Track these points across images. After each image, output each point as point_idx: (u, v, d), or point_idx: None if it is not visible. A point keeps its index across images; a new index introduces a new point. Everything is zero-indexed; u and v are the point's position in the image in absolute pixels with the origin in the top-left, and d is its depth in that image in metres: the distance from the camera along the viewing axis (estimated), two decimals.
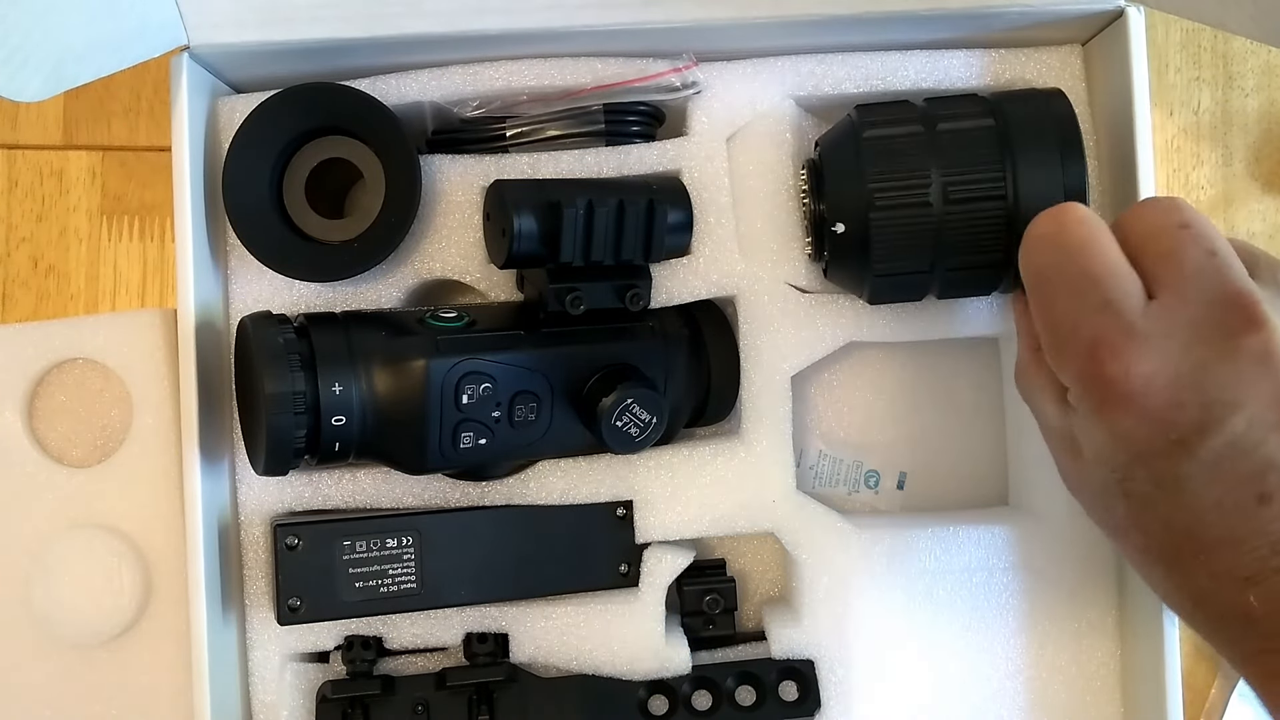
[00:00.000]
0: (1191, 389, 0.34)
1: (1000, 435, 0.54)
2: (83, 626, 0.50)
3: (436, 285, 0.50)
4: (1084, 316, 0.36)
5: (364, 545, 0.47)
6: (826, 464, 0.55)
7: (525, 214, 0.45)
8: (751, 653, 0.50)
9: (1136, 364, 0.35)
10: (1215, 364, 0.34)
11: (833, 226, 0.45)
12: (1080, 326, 0.36)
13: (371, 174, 0.48)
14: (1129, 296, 0.36)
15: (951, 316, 0.50)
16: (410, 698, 0.48)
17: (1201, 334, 0.35)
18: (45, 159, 0.56)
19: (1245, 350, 0.34)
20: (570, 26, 0.47)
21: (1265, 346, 0.34)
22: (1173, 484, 0.35)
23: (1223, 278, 0.35)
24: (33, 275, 0.56)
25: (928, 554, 0.50)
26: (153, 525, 0.50)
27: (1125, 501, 0.37)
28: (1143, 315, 0.35)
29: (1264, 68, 0.59)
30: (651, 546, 0.49)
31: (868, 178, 0.44)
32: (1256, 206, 0.59)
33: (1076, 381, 0.37)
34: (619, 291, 0.46)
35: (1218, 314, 0.35)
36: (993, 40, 0.50)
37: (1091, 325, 0.36)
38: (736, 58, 0.50)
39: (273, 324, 0.43)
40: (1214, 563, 0.35)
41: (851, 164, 0.45)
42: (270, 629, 0.48)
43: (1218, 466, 0.35)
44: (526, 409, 0.45)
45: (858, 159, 0.44)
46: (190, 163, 0.46)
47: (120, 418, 0.52)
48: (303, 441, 0.42)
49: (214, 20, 0.46)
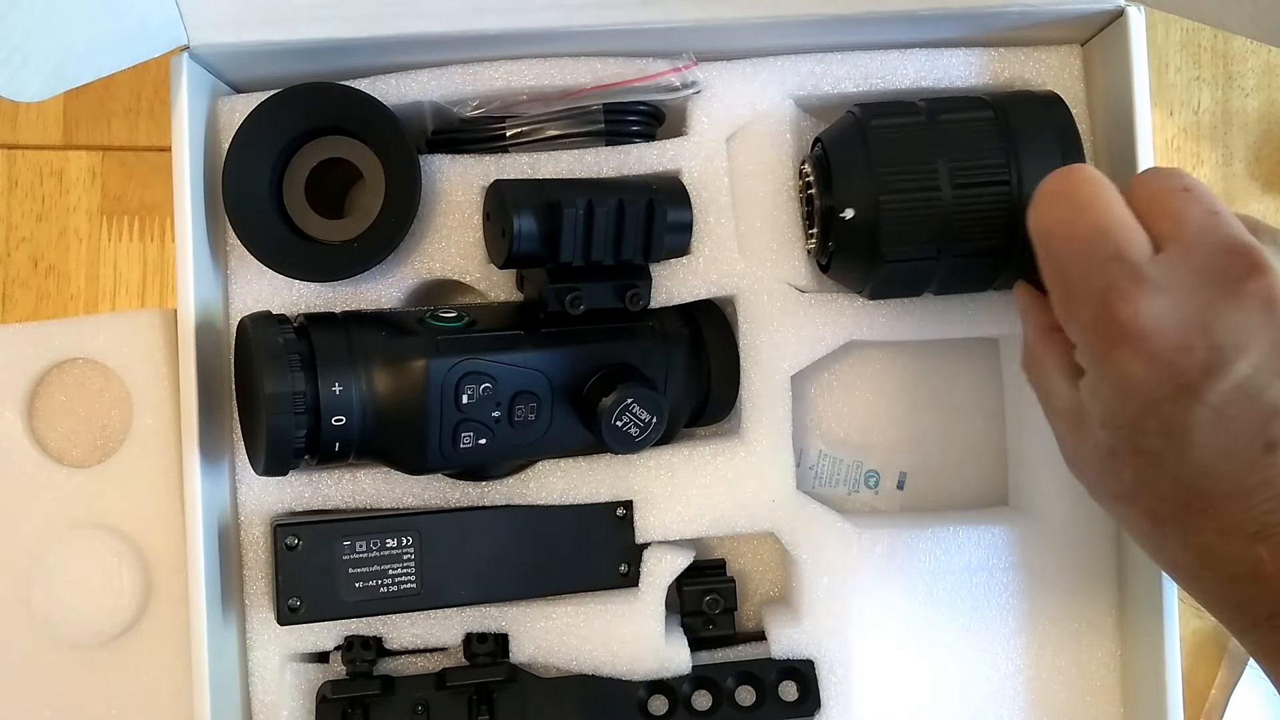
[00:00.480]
0: (1199, 332, 0.35)
1: (1000, 435, 0.54)
2: (83, 626, 0.50)
3: (436, 285, 0.50)
4: (1095, 266, 0.37)
5: (364, 545, 0.47)
6: (826, 464, 0.55)
7: (525, 214, 0.45)
8: (751, 653, 0.50)
9: (1146, 306, 0.36)
10: (1221, 307, 0.35)
11: (841, 213, 0.45)
12: (1091, 275, 0.37)
13: (371, 174, 0.48)
14: (1138, 247, 0.37)
15: (951, 316, 0.50)
16: (410, 698, 0.48)
17: (1207, 278, 0.36)
18: (45, 159, 0.56)
19: (1249, 294, 0.35)
20: (570, 26, 0.47)
21: (1269, 292, 0.35)
22: (1181, 433, 0.36)
23: (1226, 231, 0.37)
24: (33, 275, 0.56)
25: (928, 554, 0.50)
26: (153, 525, 0.50)
27: (1135, 460, 0.37)
28: (1151, 264, 0.37)
29: (1264, 68, 0.59)
30: (651, 546, 0.49)
31: (877, 162, 0.44)
32: (1256, 206, 0.59)
33: (1089, 328, 0.37)
34: (619, 291, 0.46)
35: (1222, 260, 0.36)
36: (992, 40, 0.50)
37: (1103, 274, 0.37)
38: (736, 58, 0.50)
39: (273, 324, 0.43)
40: (1223, 517, 0.36)
41: (859, 151, 0.45)
42: (270, 629, 0.48)
43: (1224, 413, 0.35)
44: (526, 409, 0.45)
45: (866, 146, 0.45)
46: (190, 163, 0.46)
47: (120, 418, 0.52)
48: (303, 441, 0.42)
49: (214, 20, 0.46)
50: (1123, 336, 0.36)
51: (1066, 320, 0.39)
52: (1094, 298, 0.37)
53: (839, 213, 0.45)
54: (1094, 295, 0.37)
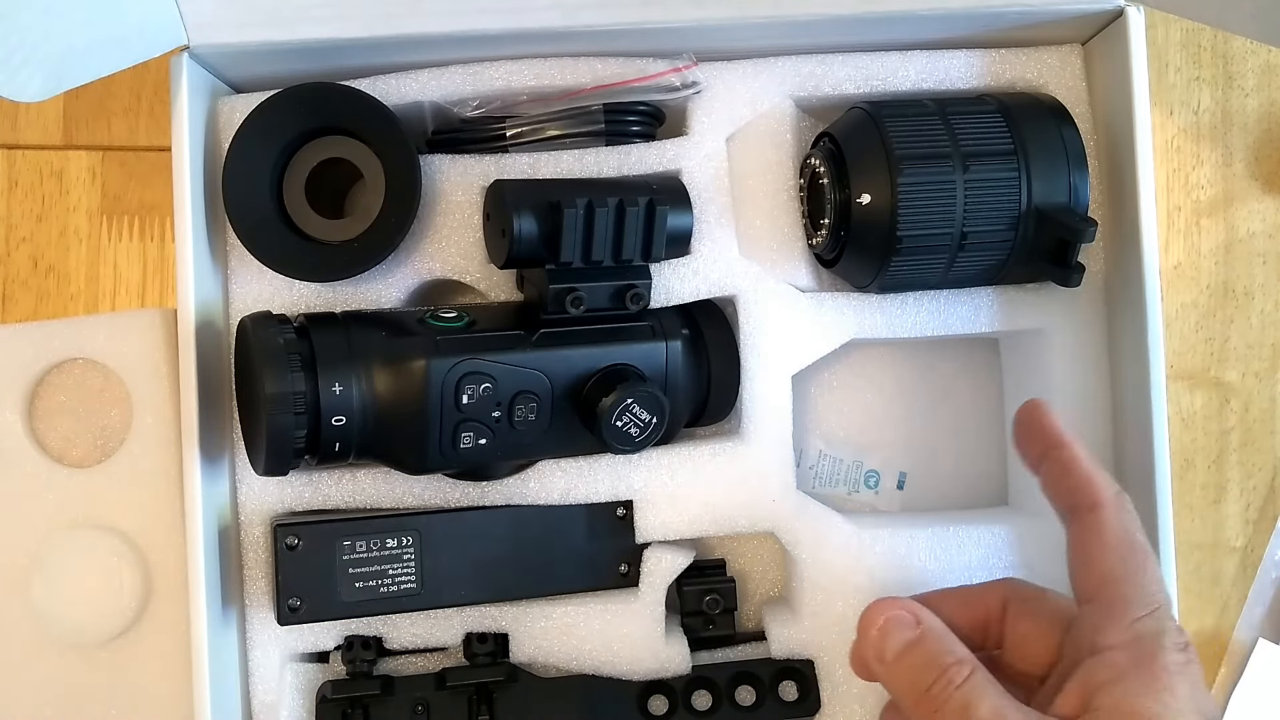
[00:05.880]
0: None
1: (1000, 435, 0.54)
2: (83, 626, 0.50)
3: (436, 285, 0.50)
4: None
5: (364, 545, 0.47)
6: (826, 464, 0.55)
7: (525, 214, 0.45)
8: (751, 653, 0.50)
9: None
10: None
11: (858, 199, 0.46)
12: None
13: (371, 174, 0.48)
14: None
15: (951, 316, 0.50)
16: (410, 698, 0.48)
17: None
18: (45, 159, 0.56)
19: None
20: (570, 26, 0.47)
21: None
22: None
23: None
24: (33, 275, 0.56)
25: (928, 554, 0.50)
26: (153, 525, 0.50)
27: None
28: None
29: (1264, 68, 0.59)
30: (651, 546, 0.49)
31: (893, 146, 0.45)
32: (1256, 206, 0.59)
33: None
34: (619, 291, 0.46)
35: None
36: (993, 40, 0.50)
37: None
38: (736, 58, 0.50)
39: (273, 324, 0.43)
40: None
41: (874, 138, 0.46)
42: (270, 629, 0.48)
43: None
44: (526, 409, 0.45)
45: (880, 132, 0.46)
46: (190, 163, 0.46)
47: (120, 418, 0.52)
48: (303, 441, 0.42)
49: (214, 20, 0.46)
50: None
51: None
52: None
53: (855, 199, 0.46)
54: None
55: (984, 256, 0.47)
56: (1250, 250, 0.59)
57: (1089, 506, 0.40)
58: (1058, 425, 0.42)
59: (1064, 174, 0.46)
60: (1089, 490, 0.40)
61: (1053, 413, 0.42)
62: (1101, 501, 0.40)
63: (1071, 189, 0.46)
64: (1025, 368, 0.53)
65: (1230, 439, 0.59)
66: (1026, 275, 0.49)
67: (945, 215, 0.45)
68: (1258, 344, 0.59)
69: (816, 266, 0.51)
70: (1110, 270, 0.51)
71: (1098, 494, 0.40)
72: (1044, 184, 0.46)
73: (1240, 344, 0.59)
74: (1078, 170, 0.46)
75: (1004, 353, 0.54)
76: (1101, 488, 0.40)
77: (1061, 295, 0.50)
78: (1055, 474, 0.41)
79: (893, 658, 0.40)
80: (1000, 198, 0.46)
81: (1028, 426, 0.43)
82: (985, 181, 0.45)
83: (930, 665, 0.39)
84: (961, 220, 0.45)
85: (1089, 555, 0.40)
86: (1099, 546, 0.39)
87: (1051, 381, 0.50)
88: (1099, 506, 0.40)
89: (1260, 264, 0.59)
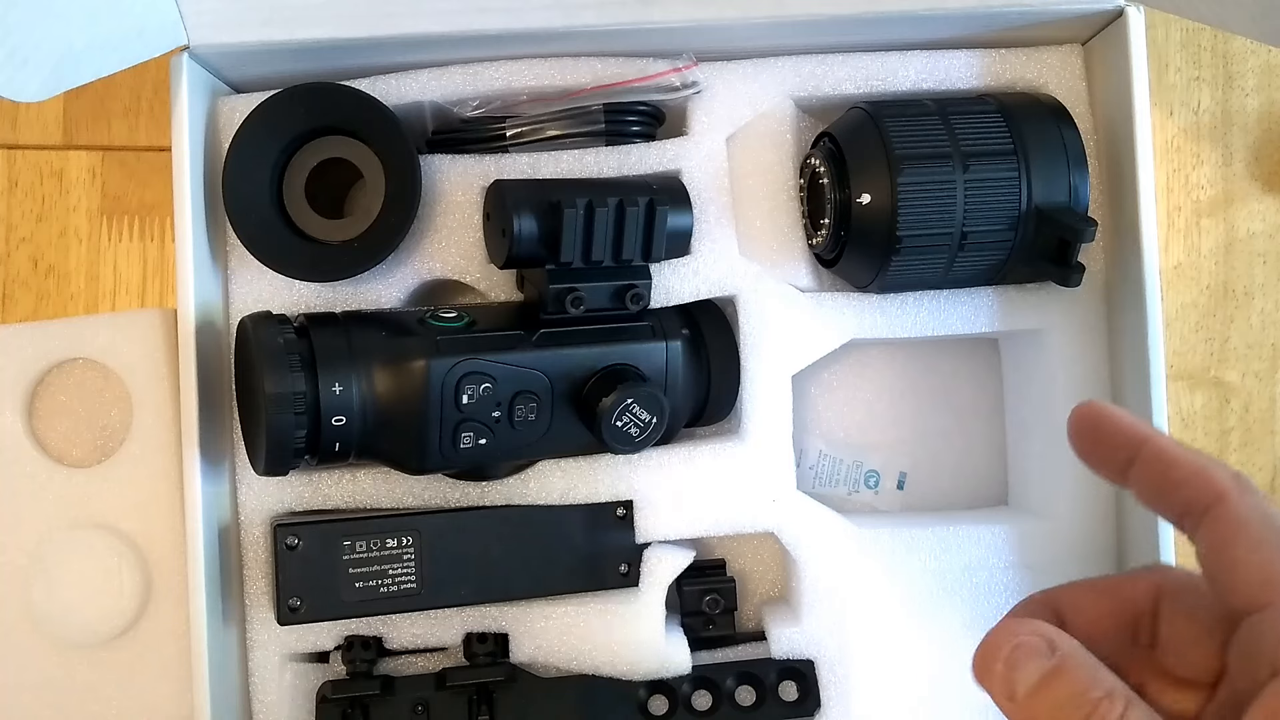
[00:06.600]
0: None
1: (1000, 435, 0.54)
2: (83, 626, 0.50)
3: (436, 285, 0.50)
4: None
5: (364, 545, 0.47)
6: (826, 464, 0.55)
7: (525, 214, 0.45)
8: (751, 653, 0.50)
9: None
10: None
11: (858, 198, 0.46)
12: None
13: (371, 174, 0.48)
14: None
15: (952, 315, 0.50)
16: (410, 698, 0.48)
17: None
18: (45, 159, 0.56)
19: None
20: (570, 26, 0.47)
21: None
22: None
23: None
24: (33, 275, 0.56)
25: (928, 554, 0.50)
26: (153, 525, 0.50)
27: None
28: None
29: (1264, 68, 0.59)
30: (651, 546, 0.49)
31: (893, 145, 0.45)
32: (1256, 206, 0.59)
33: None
34: (619, 291, 0.46)
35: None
36: (993, 40, 0.50)
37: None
38: (736, 58, 0.50)
39: (273, 324, 0.43)
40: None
41: (874, 137, 0.46)
42: (270, 629, 0.48)
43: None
44: (526, 409, 0.45)
45: (880, 132, 0.46)
46: (190, 163, 0.46)
47: (120, 418, 0.52)
48: (303, 441, 0.42)
49: (214, 20, 0.46)
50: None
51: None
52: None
53: (856, 199, 0.46)
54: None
55: (984, 256, 0.47)
56: (1250, 250, 0.59)
57: (1212, 500, 0.32)
58: (1129, 420, 0.34)
59: (1064, 174, 0.46)
60: (1203, 481, 0.32)
61: (1116, 409, 0.34)
62: (1224, 491, 0.32)
63: (1071, 189, 0.46)
64: (1025, 368, 0.53)
65: (1230, 439, 0.59)
66: (1026, 275, 0.49)
67: (945, 215, 0.45)
68: (1258, 344, 0.59)
69: (816, 266, 0.51)
70: (1110, 270, 0.51)
71: (1216, 483, 0.32)
72: (1044, 184, 0.46)
73: (1240, 344, 0.59)
74: (1078, 170, 0.46)
75: (1004, 353, 0.54)
76: (1216, 475, 0.32)
77: (1061, 295, 0.50)
78: (1153, 478, 0.33)
79: (1026, 695, 0.32)
80: (1000, 198, 0.46)
81: (1094, 434, 0.34)
82: (985, 181, 0.45)
83: (1074, 701, 0.31)
84: (961, 220, 0.46)
85: (1233, 557, 0.32)
86: (1244, 543, 0.31)
87: (1051, 381, 0.50)
88: (1224, 497, 0.32)
89: (1260, 264, 0.59)
